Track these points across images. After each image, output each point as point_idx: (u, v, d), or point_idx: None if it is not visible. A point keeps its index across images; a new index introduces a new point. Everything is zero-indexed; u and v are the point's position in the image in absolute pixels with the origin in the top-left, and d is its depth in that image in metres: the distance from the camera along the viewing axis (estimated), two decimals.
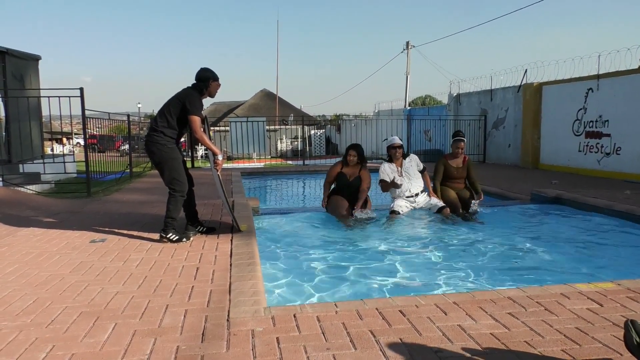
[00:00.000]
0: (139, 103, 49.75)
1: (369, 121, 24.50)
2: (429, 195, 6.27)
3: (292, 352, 2.26)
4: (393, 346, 2.31)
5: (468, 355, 2.23)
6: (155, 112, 4.76)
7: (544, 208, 6.69)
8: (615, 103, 10.04)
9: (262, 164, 17.95)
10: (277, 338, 2.41)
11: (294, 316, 2.67)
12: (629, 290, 3.06)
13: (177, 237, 4.45)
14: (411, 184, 6.20)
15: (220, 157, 4.40)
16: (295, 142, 29.31)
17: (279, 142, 29.00)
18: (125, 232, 4.89)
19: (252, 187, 10.35)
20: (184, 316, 2.71)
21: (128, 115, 11.71)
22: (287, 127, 28.70)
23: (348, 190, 6.04)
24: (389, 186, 6.17)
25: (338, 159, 6.71)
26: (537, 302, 2.86)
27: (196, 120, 4.30)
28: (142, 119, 20.24)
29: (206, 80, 4.43)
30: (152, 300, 2.98)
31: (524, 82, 12.95)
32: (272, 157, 23.38)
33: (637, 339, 1.92)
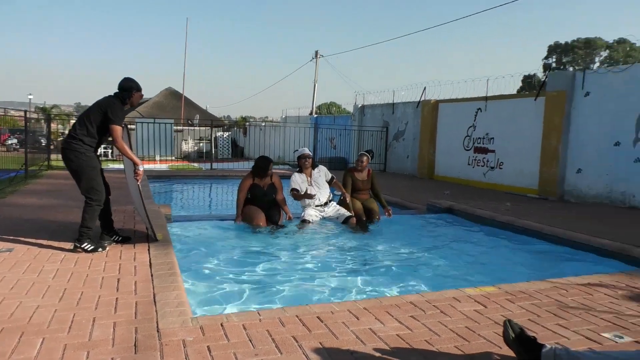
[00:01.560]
0: (30, 94, 45.75)
1: (276, 127, 24.81)
2: (343, 199, 6.67)
3: (224, 359, 2.47)
4: (314, 350, 2.60)
5: (378, 354, 2.58)
6: (48, 104, 4.67)
7: (438, 218, 7.40)
8: (499, 123, 11.25)
9: (166, 165, 17.54)
10: (208, 347, 2.59)
11: (221, 325, 2.87)
12: (507, 293, 3.62)
13: (92, 247, 4.40)
14: (320, 193, 6.57)
15: (141, 168, 4.43)
16: (201, 144, 28.80)
17: (183, 143, 28.33)
18: (32, 240, 4.72)
19: (160, 192, 10.17)
20: (113, 328, 2.79)
21: (25, 112, 10.94)
22: (193, 128, 28.13)
23: (264, 200, 6.25)
24: (302, 196, 6.48)
25: (245, 163, 6.91)
26: (434, 305, 3.31)
27: (118, 129, 4.30)
28: (38, 113, 18.83)
29: (129, 90, 4.44)
30: (77, 313, 3.01)
31: (422, 98, 13.99)
32: (176, 159, 22.83)
33: (513, 335, 2.38)
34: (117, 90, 4.48)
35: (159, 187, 10.83)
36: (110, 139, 4.50)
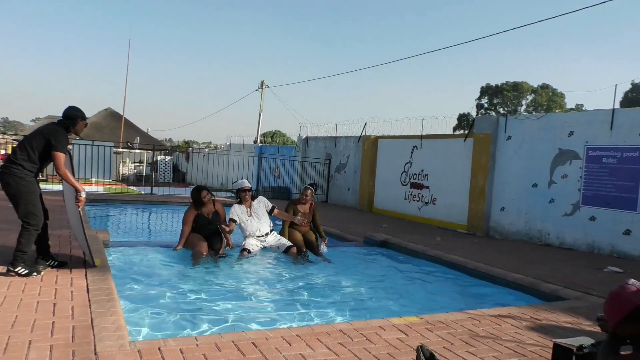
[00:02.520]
0: None
1: (220, 153, 24.80)
2: (280, 233, 6.90)
3: None
4: None
5: None
6: None
7: (373, 250, 7.77)
8: (433, 160, 11.94)
9: (102, 188, 17.09)
10: None
11: (159, 349, 3.00)
12: (427, 323, 3.96)
13: (26, 271, 4.38)
14: (261, 224, 6.76)
15: (83, 195, 4.50)
16: (140, 167, 28.19)
17: (121, 165, 27.64)
18: None
19: (97, 216, 9.99)
20: (50, 351, 2.87)
21: None
22: (132, 150, 27.55)
23: (208, 228, 6.38)
24: (225, 232, 6.57)
25: (186, 189, 7.04)
26: (361, 333, 3.59)
27: (61, 157, 4.37)
28: None
29: (74, 119, 4.53)
30: (12, 336, 3.05)
31: (363, 133, 14.59)
32: (112, 181, 22.24)
33: (423, 359, 2.69)
34: (62, 118, 4.55)
35: (96, 210, 10.62)
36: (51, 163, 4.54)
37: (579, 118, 9.27)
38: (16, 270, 4.35)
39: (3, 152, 28.90)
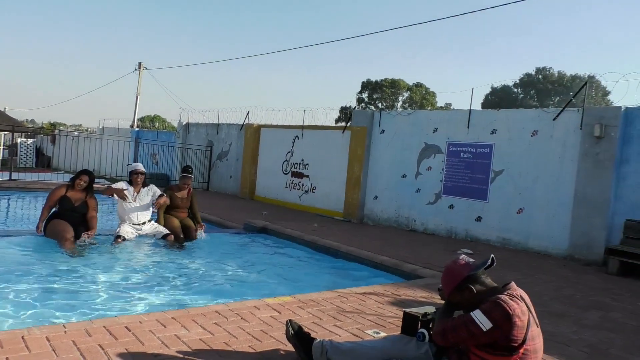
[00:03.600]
0: None
1: (91, 137, 23.17)
2: (156, 221, 6.75)
3: None
4: (120, 355, 2.81)
5: (181, 356, 2.90)
6: None
7: (253, 236, 7.94)
8: (313, 150, 12.38)
9: None
10: (7, 358, 2.62)
11: (22, 338, 2.89)
12: (300, 302, 4.22)
13: None
14: (140, 212, 6.57)
15: None
16: None
17: None
18: None
19: None
20: None
21: None
22: None
23: (72, 215, 6.03)
24: (114, 191, 6.36)
25: (52, 174, 6.62)
26: (236, 313, 3.74)
27: None
28: None
29: None
30: None
31: (246, 122, 14.63)
32: None
33: (292, 332, 2.92)
34: None
35: None
36: None
37: (442, 116, 10.24)
38: None
39: None
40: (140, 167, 6.70)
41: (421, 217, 10.01)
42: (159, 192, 6.77)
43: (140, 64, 25.46)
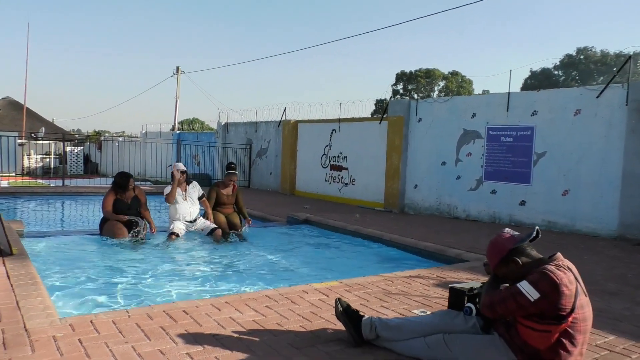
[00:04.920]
0: None
1: (135, 142, 23.97)
2: (204, 217, 6.98)
3: (95, 347, 2.74)
4: (180, 335, 2.98)
5: (236, 335, 3.05)
6: None
7: (296, 228, 8.09)
8: (351, 143, 12.45)
9: (6, 182, 16.04)
10: (79, 339, 2.83)
11: (91, 322, 3.10)
12: (346, 286, 4.32)
13: None
14: (192, 208, 6.83)
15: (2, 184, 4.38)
16: (47, 159, 26.56)
17: (26, 158, 25.90)
18: None
19: (6, 209, 9.47)
20: None
21: None
22: (37, 141, 25.88)
23: (127, 214, 6.34)
24: (172, 194, 6.62)
25: (101, 179, 6.93)
26: (286, 297, 3.87)
27: None
28: None
29: None
30: None
31: (283, 118, 14.82)
32: (17, 175, 20.85)
33: (341, 309, 3.02)
34: None
35: (5, 203, 10.06)
36: None
37: (480, 101, 10.10)
38: None
39: None
40: (181, 165, 6.93)
41: (463, 203, 9.93)
42: (201, 189, 7.01)
43: (178, 68, 26.10)
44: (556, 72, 41.70)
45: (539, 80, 40.06)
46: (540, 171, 8.77)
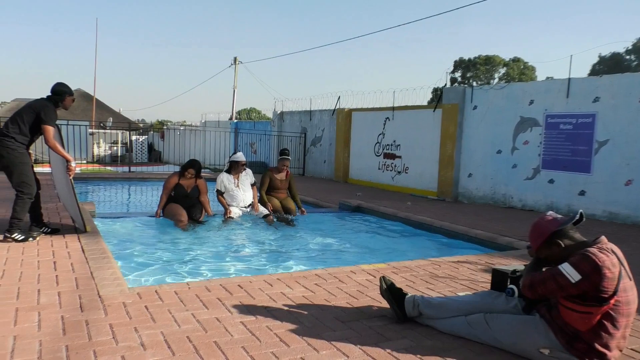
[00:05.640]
0: None
1: (195, 131, 24.86)
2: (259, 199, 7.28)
3: (159, 313, 3.02)
4: (235, 306, 3.22)
5: (286, 308, 3.25)
6: None
7: (348, 214, 8.25)
8: (405, 131, 12.41)
9: (79, 169, 17.14)
10: (146, 306, 3.13)
11: (156, 291, 3.41)
12: (394, 268, 4.44)
13: (22, 237, 4.69)
14: (245, 195, 7.14)
15: (73, 164, 4.81)
16: (115, 147, 28.07)
17: (96, 146, 27.48)
18: None
19: (78, 193, 10.18)
20: (58, 296, 3.24)
21: None
22: (106, 131, 27.39)
23: (186, 200, 6.71)
24: (223, 204, 6.99)
25: (163, 167, 7.34)
26: (334, 276, 4.05)
27: (50, 129, 4.66)
28: None
29: (62, 95, 4.81)
30: (21, 287, 3.40)
31: (337, 107, 14.96)
32: (87, 162, 22.20)
33: (385, 286, 3.15)
34: (50, 94, 4.82)
35: (77, 187, 10.81)
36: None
37: (538, 87, 9.80)
38: (13, 236, 4.66)
39: None
40: (242, 158, 7.19)
41: (519, 193, 9.72)
42: (253, 177, 7.31)
43: (235, 58, 26.79)
44: (628, 57, 39.29)
45: (608, 66, 37.92)
46: (601, 160, 8.44)
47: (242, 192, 7.10)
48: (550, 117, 9.23)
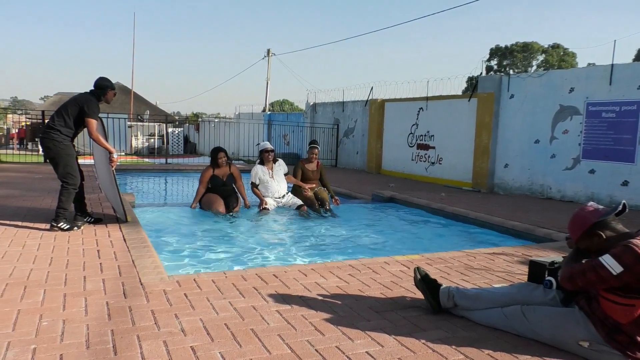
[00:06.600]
0: None
1: (229, 123, 25.18)
2: (292, 193, 7.35)
3: (198, 301, 3.11)
4: (270, 295, 3.28)
5: (320, 298, 3.29)
6: None
7: (381, 205, 8.24)
8: (439, 121, 12.25)
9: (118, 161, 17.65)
10: (185, 293, 3.23)
11: (194, 280, 3.51)
12: (428, 259, 4.42)
13: (68, 226, 4.89)
14: (280, 186, 7.24)
15: (115, 155, 4.97)
16: (152, 140, 28.73)
17: (134, 139, 28.20)
18: (8, 222, 5.14)
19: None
20: (103, 283, 3.38)
21: None
22: (143, 123, 28.05)
23: (223, 190, 6.85)
24: (259, 197, 7.11)
25: (198, 158, 7.50)
26: (368, 267, 4.06)
27: (93, 122, 4.82)
28: None
29: (104, 89, 4.97)
30: (68, 274, 3.56)
31: (370, 97, 14.87)
32: (126, 155, 22.81)
33: (419, 277, 3.15)
34: (93, 88, 4.99)
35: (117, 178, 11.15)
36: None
37: (579, 74, 9.50)
38: (59, 225, 4.86)
39: (15, 130, 29.86)
40: (268, 145, 7.31)
41: (557, 184, 9.48)
42: (286, 167, 7.38)
43: (269, 50, 26.93)
44: None
45: None
46: None
47: (276, 183, 7.20)
48: (592, 105, 8.94)
